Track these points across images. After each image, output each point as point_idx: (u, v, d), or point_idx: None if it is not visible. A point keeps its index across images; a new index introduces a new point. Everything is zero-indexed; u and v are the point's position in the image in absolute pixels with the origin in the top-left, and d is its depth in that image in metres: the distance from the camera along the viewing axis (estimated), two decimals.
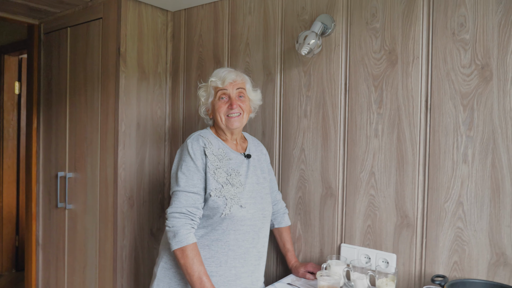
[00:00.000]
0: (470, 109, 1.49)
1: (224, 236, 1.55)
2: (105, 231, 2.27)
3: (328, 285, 1.54)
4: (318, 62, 1.87)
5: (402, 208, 1.64)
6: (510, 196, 1.42)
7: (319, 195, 1.87)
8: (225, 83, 1.61)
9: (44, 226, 2.75)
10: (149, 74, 2.35)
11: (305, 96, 1.92)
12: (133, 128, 2.26)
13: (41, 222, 2.77)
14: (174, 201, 1.51)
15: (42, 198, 2.76)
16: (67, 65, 2.53)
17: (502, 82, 1.43)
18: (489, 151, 1.46)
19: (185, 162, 1.54)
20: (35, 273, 2.81)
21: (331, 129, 1.84)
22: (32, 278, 2.81)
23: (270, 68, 2.04)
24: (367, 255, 1.71)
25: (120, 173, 2.20)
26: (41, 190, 2.77)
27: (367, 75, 1.73)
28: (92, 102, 2.35)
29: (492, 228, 1.45)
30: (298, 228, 1.95)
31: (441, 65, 1.56)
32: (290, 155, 1.97)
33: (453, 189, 1.53)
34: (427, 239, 1.59)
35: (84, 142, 2.41)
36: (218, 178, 1.55)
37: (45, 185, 2.74)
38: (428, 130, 1.59)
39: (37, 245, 2.79)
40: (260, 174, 1.71)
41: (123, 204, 2.22)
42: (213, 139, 1.63)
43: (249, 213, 1.58)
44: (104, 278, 2.28)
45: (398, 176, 1.65)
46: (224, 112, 1.61)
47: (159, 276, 1.61)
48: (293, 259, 1.86)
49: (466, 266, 1.50)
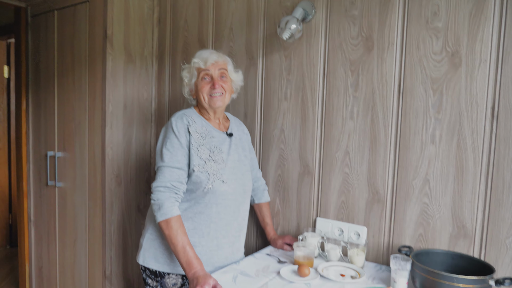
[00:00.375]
0: (440, 93, 1.59)
1: (207, 209, 1.64)
2: (94, 207, 2.36)
3: (303, 255, 1.65)
4: (298, 47, 1.95)
5: (373, 185, 1.75)
6: (472, 174, 1.53)
7: (297, 173, 1.98)
8: (207, 64, 1.68)
9: (36, 204, 2.82)
10: (136, 57, 2.40)
11: (286, 80, 2.00)
12: (120, 109, 2.33)
13: (32, 200, 2.85)
14: (159, 176, 1.59)
15: (32, 177, 2.83)
16: (55, 48, 2.57)
17: (470, 68, 1.53)
18: (455, 132, 1.56)
19: (170, 139, 1.62)
20: (28, 248, 2.90)
21: (310, 111, 1.93)
22: (25, 253, 2.90)
23: (252, 53, 2.12)
24: (340, 228, 1.83)
25: (107, 152, 2.27)
26: (31, 170, 2.83)
27: (345, 60, 1.82)
28: (80, 84, 2.41)
29: (454, 203, 1.57)
30: (277, 203, 2.06)
31: (414, 51, 1.65)
32: (271, 136, 2.06)
33: (421, 168, 1.64)
34: (395, 213, 1.70)
35: (73, 122, 2.48)
36: (201, 155, 1.63)
37: (35, 164, 2.80)
38: (400, 113, 1.69)
39: (29, 222, 2.87)
40: (241, 152, 1.80)
41: (111, 182, 2.30)
42: (197, 118, 1.71)
43: (231, 188, 1.67)
44: (93, 251, 2.38)
45: (371, 156, 1.76)
46: (207, 92, 1.69)
47: (145, 246, 1.70)
48: (272, 232, 1.97)
49: (430, 237, 1.62)
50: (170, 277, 1.66)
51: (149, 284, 1.72)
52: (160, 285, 1.68)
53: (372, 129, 1.75)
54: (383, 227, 1.74)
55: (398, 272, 1.42)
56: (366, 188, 1.77)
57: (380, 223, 1.74)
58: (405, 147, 1.67)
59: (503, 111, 1.46)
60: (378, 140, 1.73)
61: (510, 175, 1.45)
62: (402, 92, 1.68)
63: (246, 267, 1.63)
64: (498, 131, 1.47)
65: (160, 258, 1.66)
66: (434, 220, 1.61)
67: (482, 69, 1.50)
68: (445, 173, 1.58)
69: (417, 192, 1.65)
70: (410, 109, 1.66)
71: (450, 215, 1.58)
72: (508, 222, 1.46)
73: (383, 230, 1.74)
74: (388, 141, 1.71)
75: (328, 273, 1.59)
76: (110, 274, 2.34)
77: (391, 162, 1.71)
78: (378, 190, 1.74)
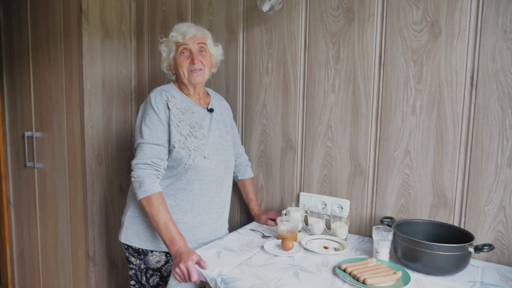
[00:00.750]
0: (420, 64, 1.58)
1: (189, 185, 1.63)
2: (75, 187, 2.32)
3: (287, 229, 1.66)
4: (279, 20, 1.92)
5: (356, 157, 1.76)
6: (452, 144, 1.54)
7: (280, 148, 1.97)
8: (185, 38, 1.64)
9: (14, 186, 2.77)
10: (113, 33, 2.33)
11: (267, 54, 1.97)
12: (99, 87, 2.27)
13: (11, 181, 2.79)
14: (139, 153, 1.56)
15: (10, 159, 2.77)
16: (28, 24, 2.48)
17: (449, 38, 1.52)
18: (435, 103, 1.56)
19: (149, 115, 1.58)
20: (8, 231, 2.85)
21: (291, 85, 1.91)
22: (5, 235, 2.86)
23: (233, 27, 2.07)
24: (323, 202, 1.84)
25: (87, 131, 2.23)
26: (9, 151, 2.77)
27: (326, 32, 1.80)
28: (56, 61, 2.34)
29: (435, 174, 1.59)
30: (260, 179, 2.05)
31: (395, 21, 1.63)
32: (253, 111, 2.04)
33: (402, 139, 1.64)
34: (377, 185, 1.72)
35: (50, 101, 2.41)
36: (181, 131, 1.60)
37: (12, 145, 2.74)
38: (381, 84, 1.68)
39: (8, 204, 2.82)
40: (222, 128, 1.78)
41: (91, 161, 2.26)
42: (176, 93, 1.68)
43: (212, 164, 1.65)
44: (76, 232, 2.35)
45: (353, 128, 1.75)
46: (186, 67, 1.65)
47: (126, 224, 1.69)
48: (256, 207, 1.97)
49: (411, 208, 1.64)
50: (154, 255, 1.66)
51: (132, 262, 1.71)
52: (144, 263, 1.67)
53: (353, 101, 1.74)
54: (366, 199, 1.75)
55: (380, 242, 1.44)
56: (349, 161, 1.78)
57: (363, 196, 1.75)
58: (387, 119, 1.67)
59: (482, 80, 1.46)
60: (360, 112, 1.73)
61: (488, 144, 1.46)
62: (383, 64, 1.67)
63: (230, 243, 1.63)
64: (477, 100, 1.48)
65: (143, 236, 1.65)
66: (415, 190, 1.63)
67: (461, 39, 1.49)
68: (426, 143, 1.59)
69: (398, 164, 1.66)
70: (391, 81, 1.65)
71: (430, 185, 1.59)
72: (487, 190, 1.48)
73: (365, 202, 1.75)
74: (370, 113, 1.71)
75: (312, 246, 1.60)
76: (93, 254, 2.32)
77: (372, 134, 1.71)
78: (360, 163, 1.75)
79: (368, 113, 1.71)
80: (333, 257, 1.49)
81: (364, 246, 1.63)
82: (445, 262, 1.30)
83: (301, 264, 1.41)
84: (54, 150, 2.44)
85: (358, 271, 1.29)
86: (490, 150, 1.46)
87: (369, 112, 1.71)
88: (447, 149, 1.55)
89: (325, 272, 1.35)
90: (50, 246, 2.57)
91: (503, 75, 1.42)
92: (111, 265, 2.44)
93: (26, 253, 2.77)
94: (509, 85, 1.41)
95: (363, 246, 1.62)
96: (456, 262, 1.31)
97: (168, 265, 1.67)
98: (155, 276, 1.67)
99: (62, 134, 2.36)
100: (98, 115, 2.28)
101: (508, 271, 1.39)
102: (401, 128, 1.64)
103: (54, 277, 2.58)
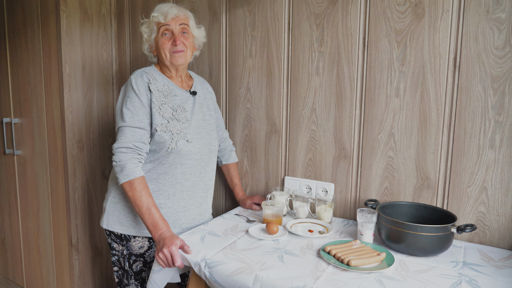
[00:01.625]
0: (404, 45, 1.57)
1: (171, 169, 1.60)
2: (56, 174, 2.27)
3: (272, 213, 1.65)
4: (262, 1, 1.88)
5: (340, 141, 1.75)
6: (435, 126, 1.54)
7: (264, 132, 1.95)
8: (167, 18, 1.60)
9: None
10: (93, 16, 2.27)
11: (250, 36, 1.94)
12: (79, 71, 2.21)
13: None
14: (120, 136, 1.52)
15: None
16: (3, 5, 2.40)
17: (433, 19, 1.51)
18: (418, 84, 1.56)
19: (130, 98, 1.55)
20: None
21: (275, 68, 1.89)
22: None
23: (215, 8, 2.03)
24: (308, 186, 1.83)
25: (67, 116, 2.17)
26: None
27: (310, 14, 1.77)
28: (33, 44, 2.27)
29: (418, 156, 1.59)
30: (245, 164, 2.04)
31: (379, 2, 1.61)
32: (237, 95, 2.01)
33: (386, 122, 1.64)
34: (361, 169, 1.71)
35: (28, 86, 2.35)
36: (163, 114, 1.57)
37: None
38: (365, 67, 1.67)
39: None
40: (206, 111, 1.75)
41: (72, 148, 2.21)
42: (158, 75, 1.64)
43: (195, 147, 1.63)
44: (58, 219, 2.31)
45: (337, 112, 1.74)
46: (168, 49, 1.61)
47: (108, 210, 1.66)
48: (241, 192, 1.95)
49: (395, 190, 1.65)
50: (136, 240, 1.63)
51: (115, 248, 1.69)
52: (126, 248, 1.65)
53: (338, 84, 1.73)
54: (350, 182, 1.75)
55: (364, 225, 1.44)
56: (333, 145, 1.77)
57: (347, 179, 1.75)
58: (371, 101, 1.66)
59: (464, 61, 1.46)
60: (344, 95, 1.72)
61: (471, 125, 1.47)
62: (366, 45, 1.65)
63: (215, 227, 1.62)
64: (460, 81, 1.47)
65: (125, 221, 1.62)
66: (399, 173, 1.63)
67: (444, 19, 1.48)
68: (409, 126, 1.59)
69: (382, 146, 1.65)
70: (375, 63, 1.64)
71: (414, 168, 1.60)
72: (469, 172, 1.49)
73: (350, 185, 1.75)
74: (354, 96, 1.70)
75: (297, 229, 1.59)
76: (76, 242, 2.29)
77: (357, 117, 1.71)
78: (344, 146, 1.74)
79: (352, 95, 1.70)
80: (318, 240, 1.49)
81: (349, 229, 1.63)
82: (428, 243, 1.31)
83: (286, 248, 1.41)
84: (33, 136, 2.38)
85: (342, 253, 1.29)
86: (472, 132, 1.47)
87: (353, 95, 1.70)
88: (430, 131, 1.56)
89: (310, 254, 1.35)
90: (31, 234, 2.52)
91: (486, 56, 1.42)
92: (95, 253, 2.41)
93: (8, 242, 2.72)
94: (491, 66, 1.41)
95: (348, 229, 1.62)
96: (439, 242, 1.32)
97: (151, 251, 1.65)
98: (138, 262, 1.65)
99: (42, 120, 2.30)
100: (78, 100, 2.23)
101: (489, 251, 1.41)
102: (385, 110, 1.63)
103: (36, 266, 2.54)
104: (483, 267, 1.28)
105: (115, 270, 1.73)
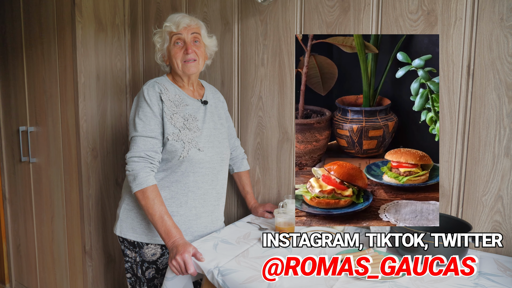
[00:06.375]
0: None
1: (184, 178, 1.61)
2: (70, 182, 2.30)
3: (284, 221, 1.64)
4: (274, 11, 1.90)
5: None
6: (449, 134, 1.52)
7: (276, 140, 1.96)
8: (179, 28, 1.62)
9: (9, 181, 2.75)
10: (107, 26, 2.31)
11: (262, 45, 1.95)
12: (93, 80, 2.25)
13: (6, 177, 2.77)
14: (132, 146, 1.54)
15: (5, 154, 2.75)
16: (21, 17, 2.45)
17: (446, 27, 1.50)
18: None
19: (142, 108, 1.57)
20: (4, 226, 2.84)
21: (287, 77, 1.89)
22: (1, 231, 2.85)
23: (227, 18, 2.05)
24: None
25: (82, 124, 2.21)
26: (3, 146, 2.75)
27: (321, 22, 1.78)
28: (49, 54, 2.31)
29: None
30: (257, 172, 2.04)
31: (390, 11, 1.61)
32: (249, 103, 2.02)
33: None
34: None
35: (44, 95, 2.39)
36: (175, 123, 1.59)
37: (7, 140, 2.72)
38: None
39: (4, 200, 2.81)
40: (217, 120, 1.76)
41: (86, 155, 2.24)
42: (170, 85, 1.66)
43: (207, 156, 1.64)
44: (72, 226, 2.34)
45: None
46: (180, 58, 1.63)
47: (121, 217, 1.67)
48: (252, 200, 1.96)
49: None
50: (149, 247, 1.64)
51: (128, 255, 1.70)
52: (139, 255, 1.66)
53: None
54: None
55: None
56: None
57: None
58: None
59: (478, 69, 1.45)
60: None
61: (485, 133, 1.45)
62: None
63: (227, 235, 1.62)
64: (474, 89, 1.46)
65: (138, 229, 1.64)
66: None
67: (457, 27, 1.48)
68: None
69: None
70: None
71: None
72: (484, 180, 1.47)
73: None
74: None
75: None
76: (90, 249, 2.31)
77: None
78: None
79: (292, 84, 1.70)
80: (331, 248, 1.48)
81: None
82: (443, 252, 1.29)
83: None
84: (49, 144, 2.42)
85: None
86: (487, 140, 1.45)
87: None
88: (444, 139, 1.54)
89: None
90: (46, 241, 2.55)
91: (500, 64, 1.41)
92: (108, 260, 2.43)
93: (22, 248, 2.76)
94: (506, 73, 1.40)
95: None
96: (455, 252, 1.30)
97: (163, 258, 1.66)
98: (151, 269, 1.66)
99: (57, 128, 2.34)
100: (92, 108, 2.26)
101: (506, 261, 1.39)
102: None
103: (50, 272, 2.57)
104: (500, 277, 1.26)
105: (128, 277, 1.74)
